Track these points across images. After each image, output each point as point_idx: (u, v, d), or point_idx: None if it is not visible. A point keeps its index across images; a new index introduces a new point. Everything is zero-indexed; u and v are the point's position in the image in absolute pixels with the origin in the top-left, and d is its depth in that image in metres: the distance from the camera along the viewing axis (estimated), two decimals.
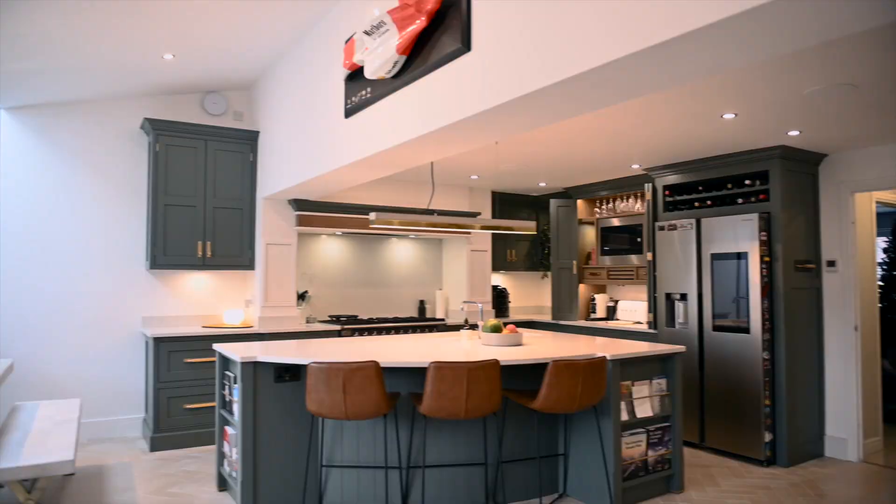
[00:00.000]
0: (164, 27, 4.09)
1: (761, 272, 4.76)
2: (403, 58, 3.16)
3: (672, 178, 5.63)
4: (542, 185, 6.98)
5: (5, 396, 5.00)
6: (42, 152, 5.20)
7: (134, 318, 5.47)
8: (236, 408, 3.76)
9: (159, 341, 5.01)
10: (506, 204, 7.46)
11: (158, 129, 5.26)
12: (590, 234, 6.95)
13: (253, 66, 5.23)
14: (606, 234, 6.60)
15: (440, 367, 3.19)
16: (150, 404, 5.13)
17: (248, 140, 5.61)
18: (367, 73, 3.39)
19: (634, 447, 3.87)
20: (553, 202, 6.99)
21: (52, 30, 3.88)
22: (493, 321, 4.25)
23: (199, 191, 5.40)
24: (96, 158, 5.38)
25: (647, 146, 4.98)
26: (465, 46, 2.75)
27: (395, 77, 3.27)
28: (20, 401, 4.97)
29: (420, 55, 3.08)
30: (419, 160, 3.80)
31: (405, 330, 5.95)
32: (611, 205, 6.67)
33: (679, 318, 5.35)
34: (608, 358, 3.68)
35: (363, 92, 3.60)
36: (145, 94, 5.52)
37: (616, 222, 6.49)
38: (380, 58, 3.27)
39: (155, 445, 4.96)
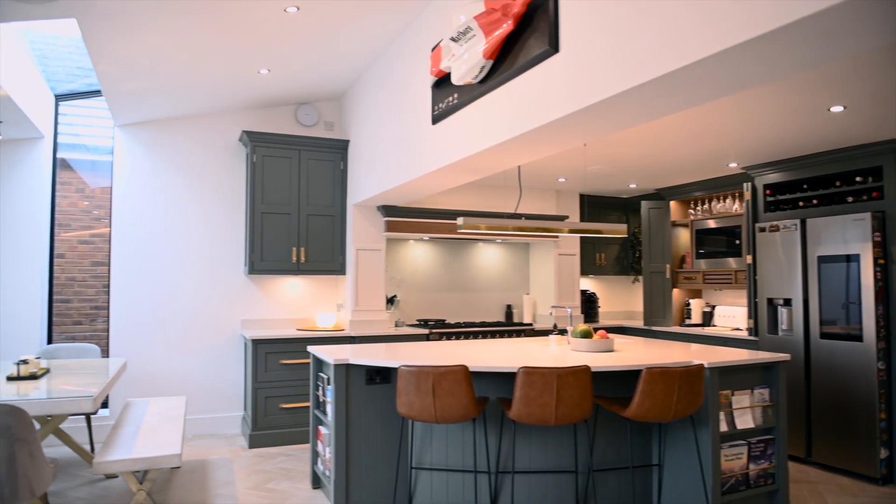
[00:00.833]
0: (260, 44, 4.29)
1: (875, 275, 4.43)
2: (490, 62, 3.16)
3: (773, 177, 5.34)
4: (633, 186, 6.79)
5: (120, 393, 5.40)
6: (151, 165, 5.58)
7: (234, 321, 5.76)
8: (329, 408, 3.87)
9: (257, 343, 5.24)
10: (594, 206, 7.31)
11: (255, 141, 5.51)
12: (684, 237, 6.70)
13: (342, 77, 5.39)
14: (702, 236, 6.34)
15: (529, 372, 3.16)
16: (248, 403, 5.38)
17: (339, 149, 5.79)
18: (454, 80, 3.41)
19: (734, 460, 3.68)
20: (644, 204, 6.79)
21: (161, 52, 4.15)
22: (582, 326, 4.16)
23: (294, 199, 5.62)
24: (199, 170, 5.72)
25: (745, 143, 4.74)
26: (553, 48, 2.72)
27: (481, 82, 3.27)
28: (132, 397, 5.34)
29: (507, 59, 3.07)
30: (506, 164, 3.79)
31: (492, 334, 5.94)
32: (706, 206, 6.40)
33: (783, 325, 5.06)
34: (706, 366, 3.53)
35: (450, 98, 3.63)
36: (243, 108, 5.81)
37: (712, 224, 6.22)
38: (466, 63, 3.28)
39: (253, 442, 5.19)
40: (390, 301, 6.07)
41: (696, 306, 6.49)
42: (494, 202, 6.52)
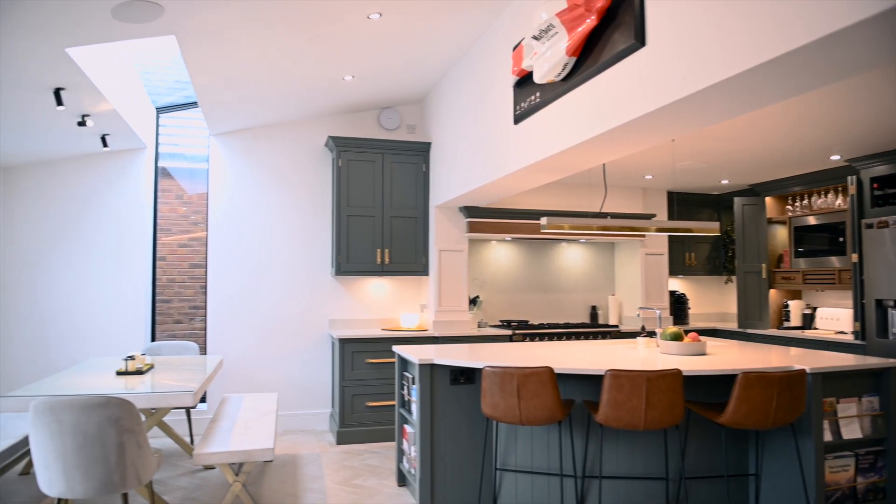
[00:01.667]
0: (345, 52, 4.40)
1: None
2: (573, 59, 3.10)
3: (882, 169, 4.97)
4: (725, 182, 6.50)
5: (216, 388, 5.67)
6: (243, 172, 5.85)
7: (321, 321, 5.94)
8: (414, 407, 3.92)
9: (344, 342, 5.37)
10: (683, 204, 7.05)
11: (340, 146, 5.66)
12: (781, 235, 6.35)
13: (424, 80, 5.45)
14: (801, 233, 5.99)
15: (617, 375, 3.08)
16: (335, 400, 5.52)
17: (421, 151, 5.85)
18: (537, 78, 3.38)
19: (840, 472, 3.45)
20: (737, 200, 6.49)
21: (252, 64, 4.33)
22: (672, 328, 4.02)
23: (378, 201, 5.74)
24: (288, 175, 5.94)
25: (849, 134, 4.44)
26: (639, 41, 2.64)
27: (564, 80, 3.22)
28: (228, 392, 5.61)
29: (590, 55, 3.00)
30: (591, 163, 3.71)
31: (577, 336, 5.84)
32: (805, 201, 6.04)
33: (893, 328, 4.70)
34: (808, 371, 3.32)
35: (532, 97, 3.60)
36: (328, 114, 5.99)
37: (812, 220, 5.87)
38: (549, 61, 3.24)
39: (341, 439, 5.32)
40: (473, 302, 6.08)
41: (796, 308, 6.14)
42: (578, 201, 6.41)
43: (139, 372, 4.00)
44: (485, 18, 4.15)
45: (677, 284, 7.20)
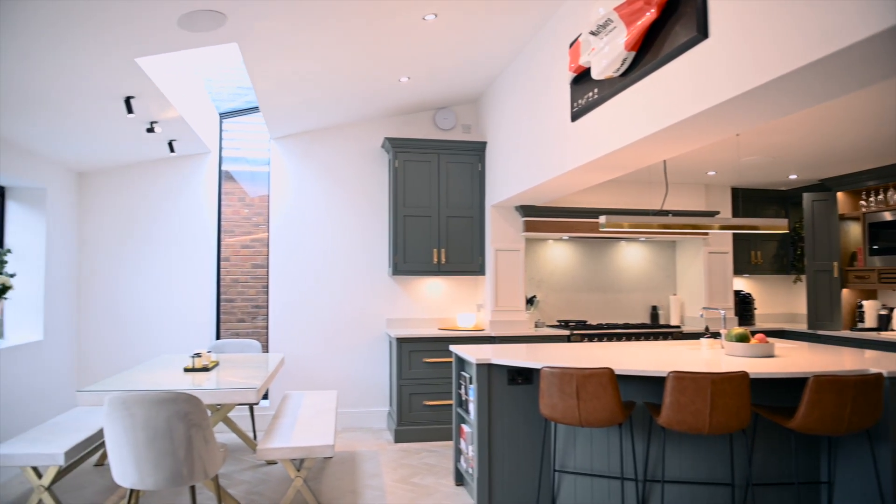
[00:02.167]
0: (400, 53, 4.44)
1: None
2: (632, 54, 3.04)
3: None
4: (793, 177, 6.25)
5: (278, 385, 5.81)
6: (302, 174, 5.98)
7: (379, 320, 6.01)
8: (472, 407, 3.92)
9: (401, 342, 5.42)
10: (749, 201, 6.81)
11: (397, 147, 5.71)
12: (854, 231, 6.06)
13: (479, 79, 5.44)
14: (876, 230, 5.70)
15: (680, 377, 3.00)
16: (393, 399, 5.58)
17: (477, 151, 5.85)
18: (595, 74, 3.32)
19: None
20: (807, 196, 6.22)
21: (310, 68, 4.41)
22: (738, 329, 3.89)
23: (434, 201, 5.76)
24: (345, 176, 6.04)
25: None
26: (702, 34, 2.56)
27: (623, 75, 3.16)
28: (289, 390, 5.73)
29: (650, 50, 2.93)
30: (651, 159, 3.63)
31: (637, 337, 5.72)
32: (881, 196, 5.74)
33: None
34: (885, 374, 3.16)
35: (590, 93, 3.54)
36: (384, 116, 6.05)
37: (888, 216, 5.57)
38: (607, 57, 3.18)
39: (398, 437, 5.37)
40: (530, 301, 6.03)
41: (870, 308, 5.84)
42: (638, 199, 6.27)
43: (205, 369, 4.13)
44: (540, 16, 4.11)
45: (742, 284, 6.97)
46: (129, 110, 4.13)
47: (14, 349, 4.62)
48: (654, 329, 5.85)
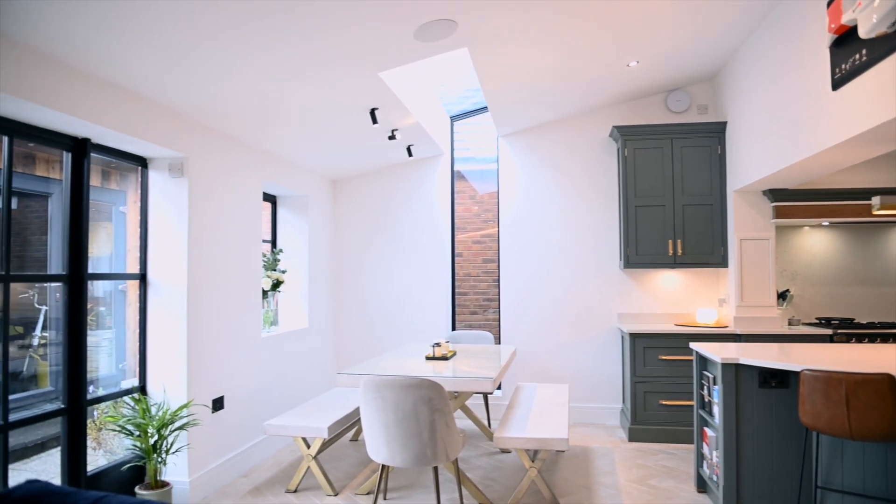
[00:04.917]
0: (627, 36, 4.26)
1: None
2: None
3: None
4: None
5: (510, 376, 5.97)
6: (529, 169, 6.05)
7: (610, 315, 5.86)
8: (716, 410, 3.64)
9: (635, 337, 5.22)
10: None
11: (626, 135, 5.51)
12: None
13: (714, 56, 5.02)
14: None
15: None
16: (626, 396, 5.39)
17: (715, 132, 5.40)
18: (862, 33, 2.86)
19: None
20: None
21: (534, 62, 4.43)
22: None
23: (667, 190, 5.45)
24: (572, 169, 5.98)
25: None
26: None
27: None
28: (520, 381, 5.85)
29: None
30: None
31: None
32: None
33: None
34: None
35: (855, 56, 3.06)
36: (610, 104, 5.87)
37: None
38: (878, 11, 2.72)
39: (633, 436, 5.18)
40: (781, 296, 5.42)
41: None
42: None
43: (444, 358, 4.38)
44: None
45: None
46: (374, 121, 4.52)
47: (287, 335, 5.37)
48: None
